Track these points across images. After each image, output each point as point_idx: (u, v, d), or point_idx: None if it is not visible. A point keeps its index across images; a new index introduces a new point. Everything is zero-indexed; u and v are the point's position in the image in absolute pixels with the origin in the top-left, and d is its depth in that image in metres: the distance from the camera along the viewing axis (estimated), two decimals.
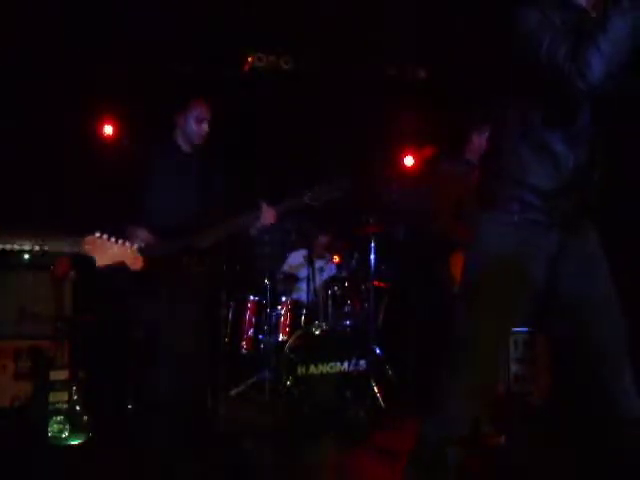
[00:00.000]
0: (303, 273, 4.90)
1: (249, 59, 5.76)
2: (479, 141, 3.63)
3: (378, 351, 4.79)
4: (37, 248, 2.26)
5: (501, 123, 1.92)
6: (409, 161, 6.39)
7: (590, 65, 1.60)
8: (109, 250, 2.23)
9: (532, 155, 1.80)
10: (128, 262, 2.27)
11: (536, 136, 1.80)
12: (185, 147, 3.25)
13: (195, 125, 3.19)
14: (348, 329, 4.51)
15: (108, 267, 2.26)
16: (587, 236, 1.87)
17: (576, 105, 1.77)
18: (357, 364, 4.25)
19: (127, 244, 2.27)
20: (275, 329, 4.71)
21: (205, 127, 3.22)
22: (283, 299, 4.85)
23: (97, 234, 2.23)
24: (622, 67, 1.65)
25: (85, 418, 3.26)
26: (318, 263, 4.99)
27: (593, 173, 1.84)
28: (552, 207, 1.80)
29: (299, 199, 3.22)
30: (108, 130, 5.77)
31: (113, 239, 2.24)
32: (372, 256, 4.89)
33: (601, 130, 1.82)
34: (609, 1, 1.62)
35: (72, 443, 3.20)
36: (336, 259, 5.28)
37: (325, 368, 4.18)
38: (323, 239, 5.38)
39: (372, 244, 4.89)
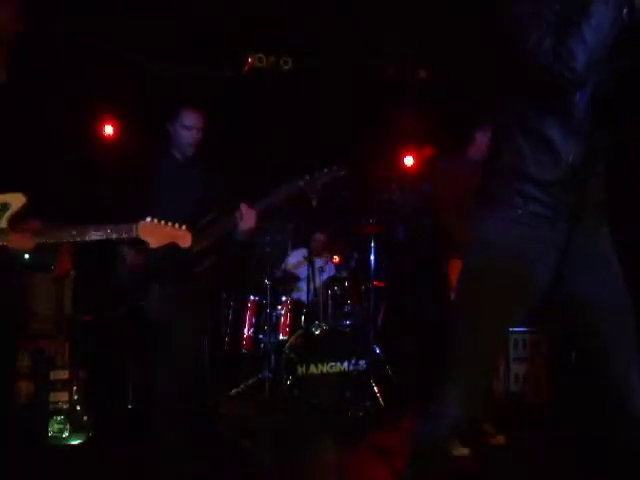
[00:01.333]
0: (303, 273, 4.89)
1: (249, 60, 5.76)
2: (482, 140, 3.60)
3: (378, 351, 4.79)
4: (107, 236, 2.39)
5: (502, 123, 1.92)
6: (409, 161, 6.39)
7: (575, 55, 1.61)
8: (161, 232, 2.42)
9: (531, 149, 1.78)
10: (179, 241, 2.44)
11: (535, 130, 1.79)
12: (178, 155, 3.19)
13: (182, 132, 3.09)
14: (348, 329, 4.51)
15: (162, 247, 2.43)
16: (598, 233, 1.84)
17: (568, 94, 1.76)
18: (357, 364, 4.25)
19: (176, 225, 2.45)
20: (275, 329, 4.71)
21: (193, 135, 3.09)
22: (283, 299, 4.85)
23: (148, 219, 2.42)
24: (615, 51, 1.64)
25: (85, 418, 3.26)
26: (318, 263, 4.99)
27: (595, 164, 1.83)
28: (556, 200, 1.78)
29: (279, 192, 3.09)
30: (108, 130, 5.77)
31: (162, 222, 2.43)
32: (372, 256, 4.90)
33: (603, 120, 1.81)
34: None
35: (72, 443, 3.20)
36: (336, 259, 5.28)
37: (325, 368, 4.18)
38: (322, 237, 5.38)
39: (372, 244, 4.90)
